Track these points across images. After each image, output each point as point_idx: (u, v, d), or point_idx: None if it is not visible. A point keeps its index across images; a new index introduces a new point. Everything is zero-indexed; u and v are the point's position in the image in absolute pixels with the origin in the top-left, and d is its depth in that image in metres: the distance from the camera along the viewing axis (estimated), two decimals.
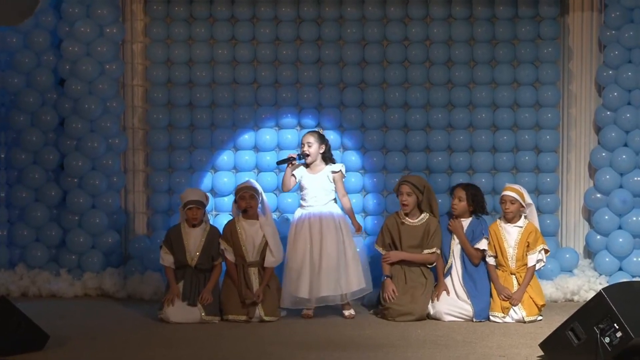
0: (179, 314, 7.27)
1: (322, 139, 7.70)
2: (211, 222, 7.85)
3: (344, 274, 7.50)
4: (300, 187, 7.71)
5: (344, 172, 7.70)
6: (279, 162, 7.85)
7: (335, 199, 7.66)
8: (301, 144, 7.71)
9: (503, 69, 8.64)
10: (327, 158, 7.70)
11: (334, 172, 7.64)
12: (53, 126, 8.59)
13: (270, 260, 7.47)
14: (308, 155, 7.61)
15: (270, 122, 8.71)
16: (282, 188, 7.88)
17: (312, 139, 7.62)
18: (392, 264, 7.59)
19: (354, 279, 7.52)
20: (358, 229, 7.72)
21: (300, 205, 7.68)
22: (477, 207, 7.61)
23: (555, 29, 8.63)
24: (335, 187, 7.64)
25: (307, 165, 7.66)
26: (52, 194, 8.56)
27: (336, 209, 7.63)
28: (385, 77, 8.65)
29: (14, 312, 6.13)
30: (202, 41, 8.69)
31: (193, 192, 7.58)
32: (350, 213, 7.71)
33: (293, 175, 7.67)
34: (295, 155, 7.67)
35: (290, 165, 7.66)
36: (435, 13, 8.63)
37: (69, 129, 8.49)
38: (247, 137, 8.71)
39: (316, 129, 7.93)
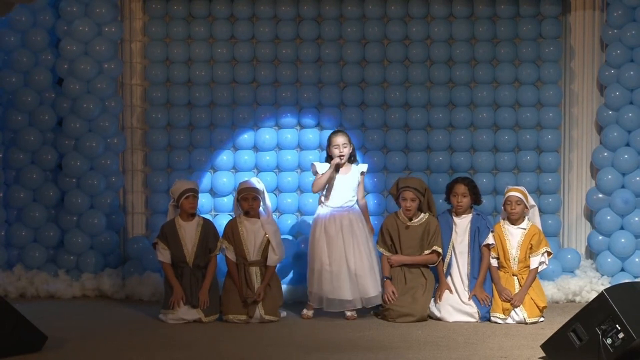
0: (180, 315, 7.31)
1: (350, 139, 7.64)
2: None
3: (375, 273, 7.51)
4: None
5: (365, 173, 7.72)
6: (336, 167, 7.51)
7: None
8: (333, 145, 7.49)
9: (504, 68, 8.61)
10: (353, 157, 7.65)
11: (362, 172, 7.62)
12: (51, 126, 8.55)
13: (273, 259, 7.45)
14: (344, 156, 7.52)
15: (270, 121, 8.68)
16: (314, 189, 7.56)
17: (345, 140, 7.51)
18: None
19: (379, 279, 7.51)
20: (372, 231, 7.67)
21: (322, 205, 7.57)
22: (477, 198, 7.62)
23: (557, 27, 8.60)
24: (358, 187, 7.61)
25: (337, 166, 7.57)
26: (50, 194, 8.53)
27: (359, 210, 7.60)
28: (385, 76, 8.62)
29: (12, 313, 6.10)
30: (201, 40, 8.66)
31: (184, 182, 7.56)
32: (366, 214, 7.68)
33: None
34: (339, 158, 7.52)
35: (336, 169, 7.52)
36: (436, 12, 8.60)
37: (67, 128, 8.45)
38: (246, 137, 8.67)
39: (339, 129, 7.85)
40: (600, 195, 8.46)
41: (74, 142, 8.46)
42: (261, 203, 7.53)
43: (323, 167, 7.56)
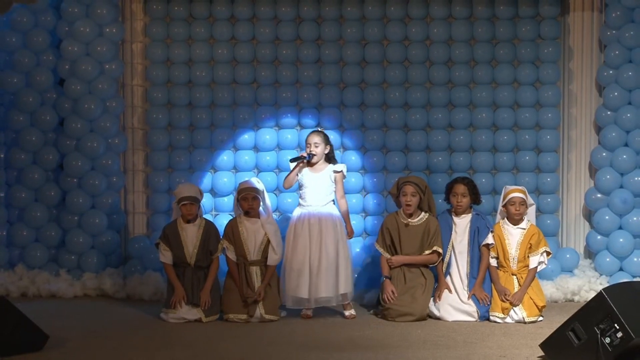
0: (181, 314, 7.34)
1: (327, 140, 7.67)
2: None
3: (337, 275, 7.50)
4: (299, 186, 7.68)
5: (345, 173, 7.67)
6: (293, 160, 7.68)
7: (333, 200, 7.64)
8: (306, 144, 7.65)
9: (503, 68, 8.64)
10: (331, 158, 7.68)
11: (335, 171, 7.62)
12: (52, 126, 8.58)
13: (273, 259, 7.48)
14: (314, 155, 7.58)
15: (270, 122, 8.70)
16: (284, 185, 7.78)
17: (318, 139, 7.60)
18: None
19: (342, 282, 7.52)
20: (350, 233, 7.68)
21: (299, 205, 7.66)
22: (476, 198, 7.64)
23: (556, 28, 8.63)
24: (335, 187, 7.63)
25: (309, 164, 7.64)
26: (52, 194, 8.55)
27: (335, 211, 7.61)
28: (385, 76, 8.65)
29: (14, 312, 6.12)
30: (202, 41, 8.69)
31: (186, 188, 7.57)
32: (346, 216, 7.67)
33: (297, 174, 7.65)
34: (306, 155, 7.62)
35: (301, 163, 7.62)
36: (436, 12, 8.63)
37: (69, 129, 8.48)
38: (246, 137, 8.70)
39: (319, 129, 7.89)
40: (599, 195, 8.48)
41: (75, 142, 8.49)
42: (261, 203, 7.56)
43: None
